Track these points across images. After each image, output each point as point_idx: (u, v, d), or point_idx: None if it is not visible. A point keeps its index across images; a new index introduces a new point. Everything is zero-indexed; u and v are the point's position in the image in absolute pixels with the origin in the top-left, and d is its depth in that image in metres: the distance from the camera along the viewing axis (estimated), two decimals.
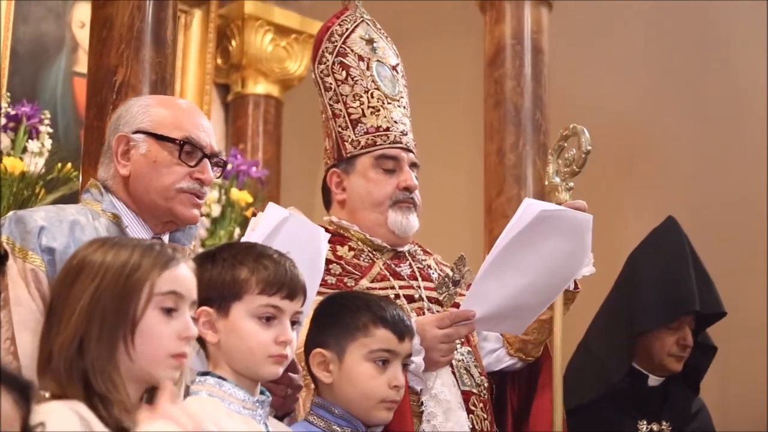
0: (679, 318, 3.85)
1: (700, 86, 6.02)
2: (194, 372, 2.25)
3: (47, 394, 1.87)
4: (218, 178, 2.78)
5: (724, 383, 4.14)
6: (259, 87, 6.61)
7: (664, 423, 3.82)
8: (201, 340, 2.22)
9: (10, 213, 2.56)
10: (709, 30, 6.03)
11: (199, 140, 2.62)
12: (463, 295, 2.91)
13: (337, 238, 3.05)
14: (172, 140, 2.60)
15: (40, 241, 2.45)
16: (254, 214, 3.13)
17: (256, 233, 2.53)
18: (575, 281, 3.06)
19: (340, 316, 2.50)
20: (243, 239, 2.58)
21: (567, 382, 3.16)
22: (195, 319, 1.99)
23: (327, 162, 3.18)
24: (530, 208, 2.70)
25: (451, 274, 2.99)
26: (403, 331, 2.51)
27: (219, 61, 6.58)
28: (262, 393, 2.24)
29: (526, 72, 5.02)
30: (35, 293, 2.42)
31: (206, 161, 2.63)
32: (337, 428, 2.45)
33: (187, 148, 2.60)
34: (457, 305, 2.91)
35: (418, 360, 2.74)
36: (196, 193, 2.62)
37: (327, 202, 3.18)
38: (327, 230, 3.05)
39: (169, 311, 1.92)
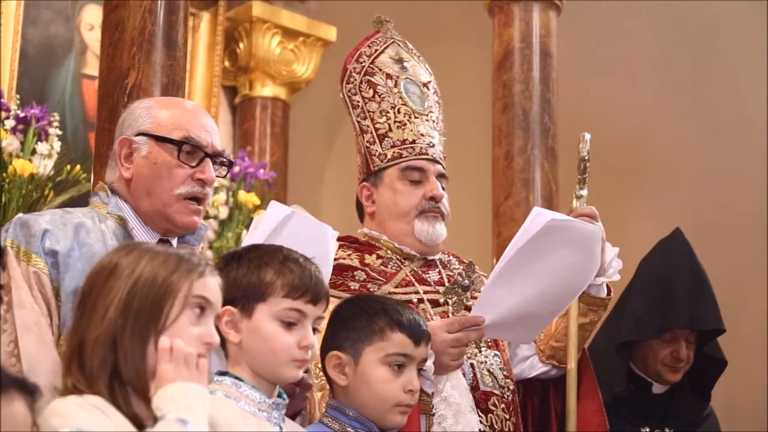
0: (665, 332, 3.85)
1: (706, 93, 6.03)
2: (211, 373, 2.25)
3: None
4: (224, 177, 2.77)
5: (729, 386, 4.14)
6: (267, 89, 6.62)
7: (667, 430, 3.82)
8: (221, 339, 2.22)
9: (16, 217, 2.57)
10: (717, 36, 6.03)
11: (200, 140, 2.62)
12: (476, 298, 2.94)
13: (366, 247, 3.14)
14: (171, 141, 2.60)
15: (44, 244, 2.47)
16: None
17: (258, 232, 2.53)
18: (608, 287, 3.10)
19: (357, 320, 2.51)
20: (245, 239, 2.59)
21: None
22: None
23: (358, 177, 3.24)
24: (539, 217, 2.74)
25: (460, 279, 3.03)
26: (419, 336, 2.52)
27: (227, 63, 6.59)
28: (280, 395, 2.25)
29: (535, 75, 5.02)
30: (38, 296, 2.44)
31: (207, 161, 2.63)
32: (351, 430, 2.46)
33: (187, 148, 2.60)
34: (469, 309, 2.94)
35: (428, 364, 2.76)
36: (197, 196, 2.62)
37: (360, 216, 3.25)
38: (357, 240, 3.13)
39: (201, 311, 1.97)
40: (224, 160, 2.71)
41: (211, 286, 1.99)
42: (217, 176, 2.68)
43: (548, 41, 5.11)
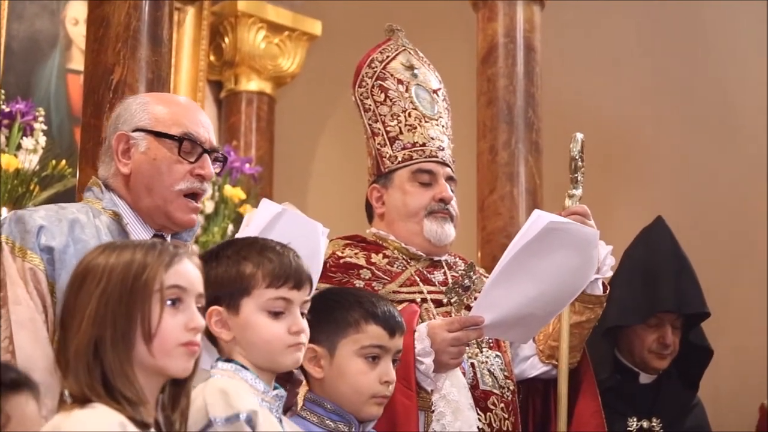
0: (650, 317, 3.87)
1: (690, 85, 6.07)
2: (203, 370, 2.26)
3: (67, 396, 1.90)
4: (218, 174, 2.78)
5: (714, 376, 4.17)
6: (252, 84, 6.63)
7: (654, 420, 3.83)
8: (212, 337, 2.24)
9: (11, 212, 2.56)
10: (698, 30, 6.07)
11: (198, 136, 2.62)
12: (476, 298, 2.98)
13: (373, 246, 3.17)
14: (171, 137, 2.59)
15: (39, 241, 2.46)
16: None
17: (249, 229, 2.54)
18: (604, 284, 3.15)
19: (332, 312, 2.51)
20: (237, 236, 2.60)
21: None
22: (201, 309, 1.99)
23: (369, 179, 3.27)
24: (539, 219, 2.78)
25: (461, 280, 3.07)
26: (394, 327, 2.52)
27: (212, 58, 6.60)
28: (275, 388, 2.26)
29: (519, 70, 5.03)
30: (33, 292, 2.43)
31: (206, 156, 2.63)
32: (330, 423, 2.46)
33: (186, 145, 2.60)
34: (470, 309, 2.99)
35: (428, 361, 2.81)
36: (196, 192, 2.62)
37: (369, 217, 3.28)
38: (365, 240, 3.18)
39: (173, 303, 1.93)
40: (219, 156, 2.72)
41: (184, 271, 1.95)
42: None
43: (532, 36, 5.12)
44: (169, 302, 1.93)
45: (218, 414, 2.05)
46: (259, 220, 2.56)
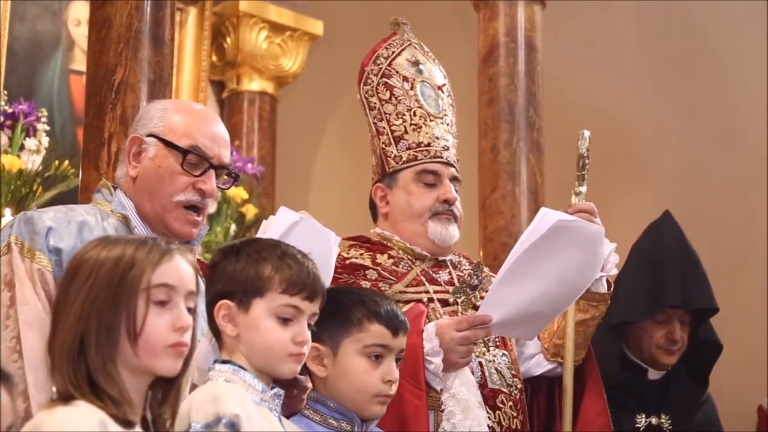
0: (657, 312, 3.87)
1: (691, 84, 6.08)
2: (203, 370, 2.26)
3: (54, 393, 1.89)
4: (227, 189, 2.78)
5: (718, 372, 4.18)
6: (254, 84, 6.64)
7: (663, 416, 3.82)
8: (216, 331, 2.24)
9: (20, 213, 2.57)
10: (700, 29, 6.08)
11: (206, 150, 2.61)
12: (483, 297, 2.99)
13: (378, 246, 3.17)
14: (177, 148, 2.60)
15: (48, 242, 2.47)
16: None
17: (266, 236, 2.55)
18: (608, 281, 3.16)
19: (335, 311, 2.50)
20: None
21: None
22: (190, 309, 1.98)
23: (373, 178, 3.27)
24: (546, 217, 2.78)
25: (468, 279, 3.08)
26: (397, 326, 2.52)
27: (214, 58, 6.61)
28: (272, 388, 2.27)
29: (520, 69, 5.05)
30: (41, 293, 2.44)
31: (211, 172, 2.62)
32: (333, 422, 2.46)
33: (191, 158, 2.60)
34: (477, 308, 2.99)
35: (437, 361, 2.82)
36: (195, 205, 2.62)
37: (374, 216, 3.28)
38: (370, 240, 3.18)
39: (162, 303, 1.91)
40: (230, 172, 2.71)
41: (174, 269, 1.94)
42: (222, 188, 2.68)
43: (533, 35, 5.14)
44: (156, 301, 1.91)
45: (198, 419, 2.04)
46: (276, 228, 2.56)
